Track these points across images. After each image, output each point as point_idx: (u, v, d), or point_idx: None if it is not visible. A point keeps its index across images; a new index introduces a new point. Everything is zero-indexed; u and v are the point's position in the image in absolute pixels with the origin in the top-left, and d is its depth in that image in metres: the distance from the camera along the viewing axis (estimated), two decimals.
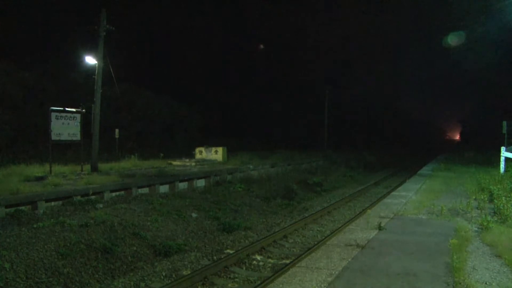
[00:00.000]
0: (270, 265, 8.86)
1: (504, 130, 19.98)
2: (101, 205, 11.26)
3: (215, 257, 9.28)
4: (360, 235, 7.88)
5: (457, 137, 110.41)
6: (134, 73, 30.67)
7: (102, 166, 16.42)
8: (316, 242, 10.23)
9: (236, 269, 8.44)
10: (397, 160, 41.64)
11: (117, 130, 21.74)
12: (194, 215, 12.34)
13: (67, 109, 14.61)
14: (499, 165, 17.27)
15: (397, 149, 55.29)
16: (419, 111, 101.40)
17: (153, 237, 9.97)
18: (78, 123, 14.87)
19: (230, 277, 8.08)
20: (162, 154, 22.65)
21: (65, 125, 14.45)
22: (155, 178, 14.35)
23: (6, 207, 9.55)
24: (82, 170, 15.24)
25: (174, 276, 8.10)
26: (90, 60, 16.58)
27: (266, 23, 51.40)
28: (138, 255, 9.14)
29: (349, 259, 6.36)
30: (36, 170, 13.84)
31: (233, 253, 9.20)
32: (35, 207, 10.14)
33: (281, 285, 5.38)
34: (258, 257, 9.32)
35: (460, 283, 5.39)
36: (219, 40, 43.71)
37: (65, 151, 19.96)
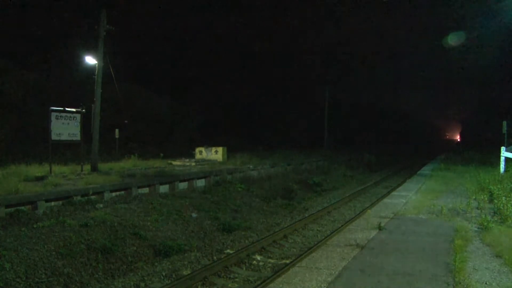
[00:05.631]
0: (270, 265, 8.86)
1: (504, 130, 19.97)
2: (101, 205, 11.25)
3: (215, 257, 9.28)
4: (360, 235, 7.88)
5: (457, 137, 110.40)
6: (134, 73, 30.67)
7: (102, 166, 16.42)
8: (316, 242, 10.22)
9: (236, 269, 8.44)
10: (397, 160, 41.67)
11: (117, 130, 21.74)
12: (194, 215, 12.34)
13: (67, 109, 14.60)
14: (499, 165, 17.26)
15: (397, 149, 55.31)
16: (419, 111, 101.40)
17: (153, 237, 9.97)
18: (78, 123, 14.86)
19: (230, 277, 8.08)
20: (162, 154, 22.64)
21: (65, 125, 14.43)
22: (155, 178, 14.35)
23: (6, 207, 9.55)
24: (82, 170, 15.24)
25: (174, 276, 8.10)
26: (90, 60, 16.58)
27: (266, 23, 51.40)
28: (138, 255, 9.15)
29: (349, 259, 6.36)
30: (36, 170, 13.82)
31: (233, 253, 9.20)
32: (35, 207, 10.14)
33: (281, 285, 5.38)
34: (258, 257, 9.32)
35: (460, 283, 5.39)
36: (220, 40, 43.70)
37: (65, 151, 19.97)
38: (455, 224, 8.79)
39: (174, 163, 20.81)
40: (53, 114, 14.05)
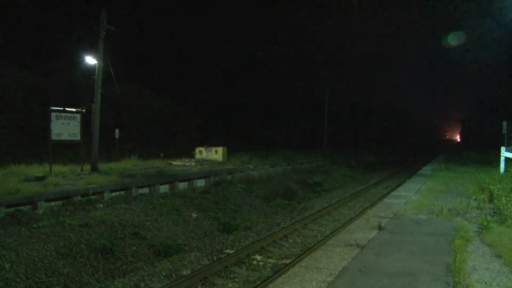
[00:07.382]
0: (270, 265, 8.86)
1: (504, 130, 19.96)
2: (101, 205, 11.26)
3: (215, 257, 9.28)
4: (360, 235, 7.88)
5: (457, 137, 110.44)
6: (134, 73, 30.67)
7: (102, 166, 16.42)
8: (316, 242, 10.23)
9: (236, 269, 8.44)
10: (397, 160, 41.65)
11: (117, 130, 21.74)
12: (194, 215, 12.34)
13: (67, 109, 14.59)
14: (499, 165, 17.25)
15: (397, 149, 55.31)
16: (419, 111, 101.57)
17: (153, 237, 9.97)
18: (78, 123, 14.86)
19: (230, 277, 8.08)
20: (162, 154, 22.64)
21: (65, 125, 14.43)
22: (155, 178, 14.35)
23: (6, 207, 9.55)
24: (82, 170, 15.24)
25: (174, 276, 8.10)
26: (90, 60, 16.58)
27: (266, 23, 51.40)
28: (138, 255, 9.14)
29: (349, 259, 6.36)
30: (36, 170, 13.82)
31: (233, 253, 9.20)
32: (35, 207, 10.14)
33: (281, 285, 5.37)
34: (258, 257, 9.32)
35: (460, 283, 5.39)
36: (220, 40, 43.71)
37: (65, 151, 19.95)
38: (455, 224, 8.78)
39: (174, 163, 20.81)
40: (53, 114, 14.04)
